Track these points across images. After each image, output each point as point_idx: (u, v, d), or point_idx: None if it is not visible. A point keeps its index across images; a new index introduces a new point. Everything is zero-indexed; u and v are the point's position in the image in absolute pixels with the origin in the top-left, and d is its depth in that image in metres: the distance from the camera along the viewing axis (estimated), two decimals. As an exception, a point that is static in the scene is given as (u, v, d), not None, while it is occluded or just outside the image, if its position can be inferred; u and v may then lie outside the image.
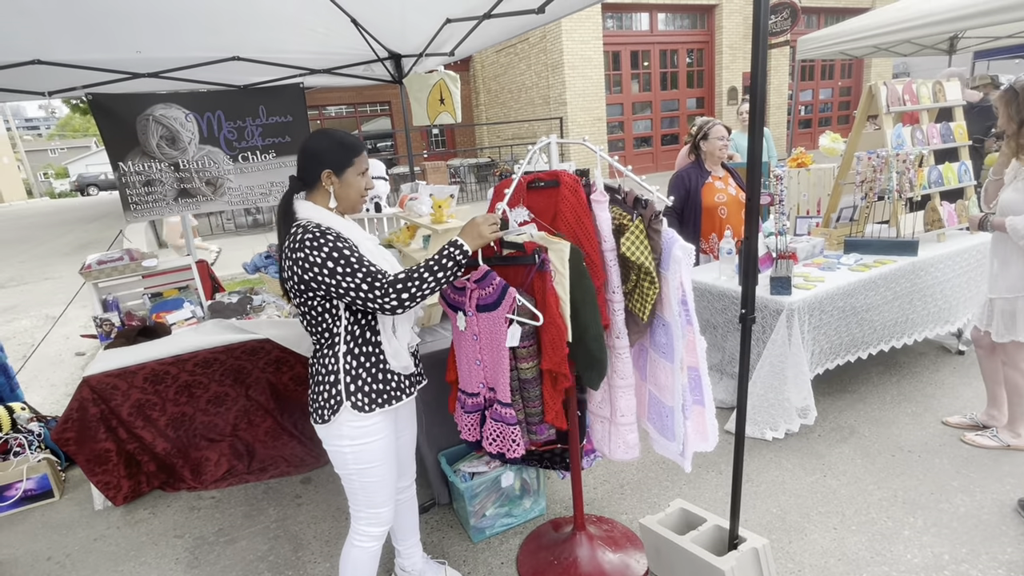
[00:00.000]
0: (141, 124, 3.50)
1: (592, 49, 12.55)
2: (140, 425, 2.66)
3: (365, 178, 1.73)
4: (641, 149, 14.31)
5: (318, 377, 1.67)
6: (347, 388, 1.62)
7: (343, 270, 1.52)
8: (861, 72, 15.97)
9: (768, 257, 2.96)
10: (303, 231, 1.57)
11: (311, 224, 1.59)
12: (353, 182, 1.68)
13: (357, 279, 1.52)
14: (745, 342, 1.71)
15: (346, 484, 1.74)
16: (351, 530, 1.79)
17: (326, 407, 1.63)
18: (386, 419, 1.69)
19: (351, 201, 1.70)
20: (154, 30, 2.97)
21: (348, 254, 1.54)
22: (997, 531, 2.16)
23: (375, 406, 1.64)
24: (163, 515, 2.71)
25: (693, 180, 3.45)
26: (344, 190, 1.68)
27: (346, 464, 1.68)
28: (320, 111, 15.89)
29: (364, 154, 1.71)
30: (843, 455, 2.70)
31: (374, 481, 1.71)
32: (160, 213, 3.64)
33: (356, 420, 1.63)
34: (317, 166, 1.65)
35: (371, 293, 1.52)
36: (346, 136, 1.70)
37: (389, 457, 1.72)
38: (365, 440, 1.65)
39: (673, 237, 1.69)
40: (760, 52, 1.43)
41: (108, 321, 2.89)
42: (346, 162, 1.66)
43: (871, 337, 3.04)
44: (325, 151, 1.66)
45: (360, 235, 1.69)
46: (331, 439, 1.67)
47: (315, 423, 1.69)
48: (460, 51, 3.49)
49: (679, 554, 1.92)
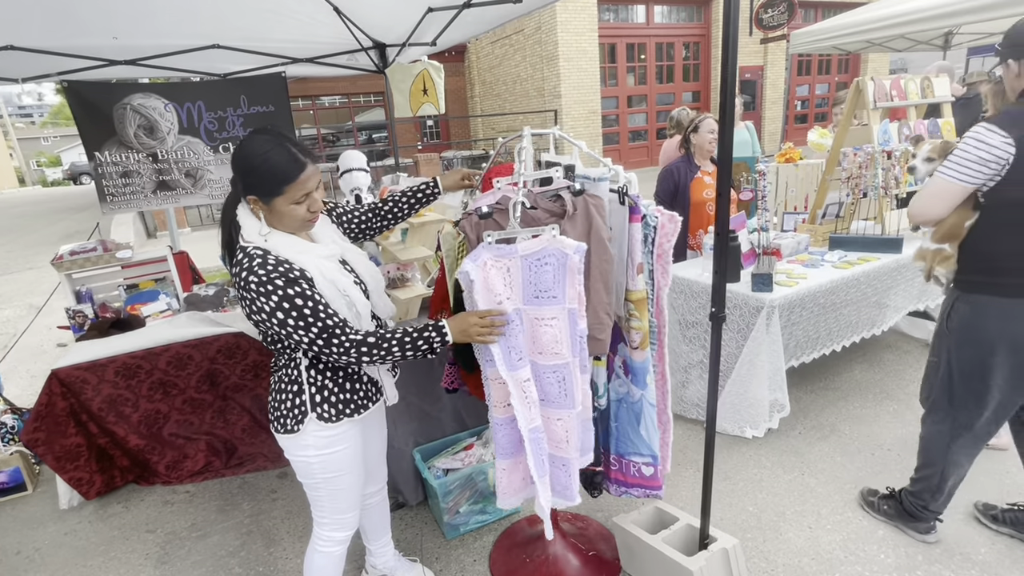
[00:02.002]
0: (118, 113, 3.45)
1: (587, 41, 12.46)
2: (112, 420, 2.62)
3: (309, 201, 1.45)
4: (636, 143, 14.25)
5: (280, 386, 1.56)
6: (312, 399, 1.52)
7: (295, 323, 1.35)
8: (858, 67, 15.91)
9: (752, 253, 2.93)
10: (248, 261, 1.37)
11: (256, 253, 1.39)
12: (287, 211, 1.43)
13: (311, 334, 1.36)
14: (715, 341, 1.69)
15: (311, 492, 1.65)
16: (314, 535, 1.72)
17: (289, 417, 1.53)
18: (353, 426, 1.60)
19: (289, 227, 1.47)
20: (131, 16, 2.91)
21: (301, 303, 1.36)
22: (971, 532, 2.15)
23: (342, 416, 1.55)
24: (136, 509, 2.68)
25: (682, 174, 3.42)
26: (276, 218, 1.44)
27: (312, 474, 1.59)
28: (314, 101, 15.75)
29: (303, 177, 1.40)
30: (822, 453, 2.69)
31: (341, 489, 1.63)
32: (138, 206, 3.59)
33: (322, 430, 1.53)
34: (244, 187, 1.42)
35: (327, 348, 1.38)
36: (279, 155, 1.37)
37: (357, 464, 1.65)
38: (332, 449, 1.56)
39: (479, 249, 1.52)
40: (730, 48, 1.39)
41: (81, 313, 2.84)
42: (274, 191, 1.39)
43: (845, 331, 3.01)
44: (248, 173, 1.40)
45: (317, 257, 1.47)
46: (295, 449, 1.57)
47: (276, 432, 1.57)
48: (442, 41, 3.44)
49: (650, 553, 1.90)
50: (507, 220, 1.58)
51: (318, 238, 1.58)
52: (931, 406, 2.06)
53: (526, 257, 1.51)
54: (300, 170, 1.40)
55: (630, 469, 1.93)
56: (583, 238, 1.58)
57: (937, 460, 2.04)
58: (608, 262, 1.59)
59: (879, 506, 2.25)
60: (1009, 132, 1.69)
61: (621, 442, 1.91)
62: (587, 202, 1.58)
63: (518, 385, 1.55)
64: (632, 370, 1.81)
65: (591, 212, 1.58)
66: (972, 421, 1.94)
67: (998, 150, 1.69)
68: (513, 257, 1.52)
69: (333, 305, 1.45)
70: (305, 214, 1.46)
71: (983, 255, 1.82)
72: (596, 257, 1.59)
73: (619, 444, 1.92)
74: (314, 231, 1.58)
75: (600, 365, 1.85)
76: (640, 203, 1.65)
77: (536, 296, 1.53)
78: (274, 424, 1.58)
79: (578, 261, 1.46)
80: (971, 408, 1.93)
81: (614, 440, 1.93)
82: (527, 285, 1.53)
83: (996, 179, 1.72)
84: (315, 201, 1.47)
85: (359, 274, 1.62)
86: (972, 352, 1.88)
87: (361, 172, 3.49)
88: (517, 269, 1.52)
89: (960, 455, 2.00)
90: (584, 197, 1.59)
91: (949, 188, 1.79)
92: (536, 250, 1.50)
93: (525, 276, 1.53)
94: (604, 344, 1.66)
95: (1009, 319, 1.79)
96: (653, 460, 1.87)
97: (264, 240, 1.42)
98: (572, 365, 1.55)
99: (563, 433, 1.64)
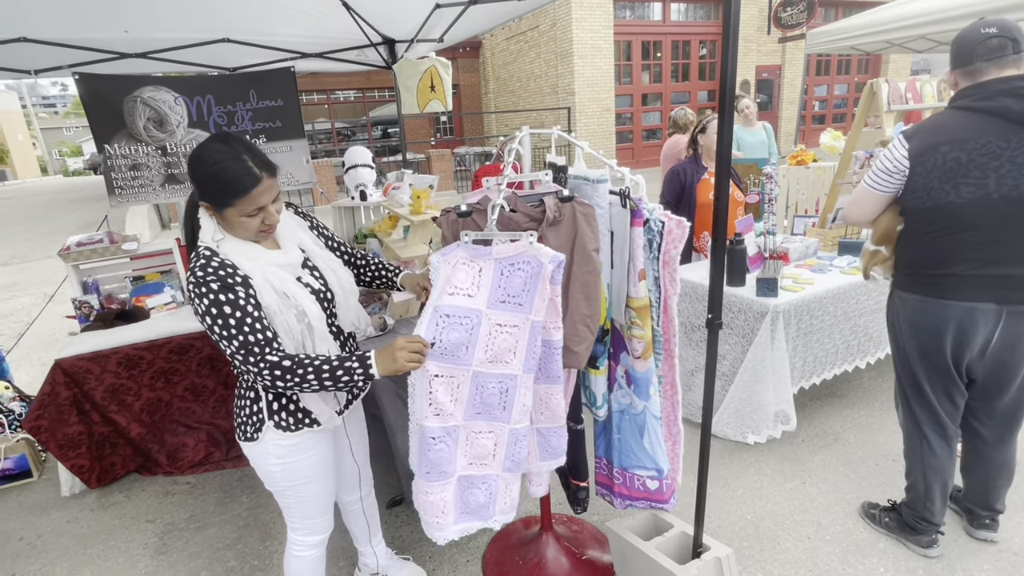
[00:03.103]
0: (128, 105, 3.47)
1: (603, 38, 12.38)
2: (114, 409, 2.65)
3: (263, 214, 1.38)
4: (650, 141, 14.15)
5: (240, 391, 1.51)
6: (269, 406, 1.46)
7: (220, 331, 1.30)
8: (879, 68, 15.64)
9: (759, 256, 2.88)
10: (194, 261, 1.34)
11: (204, 253, 1.35)
12: (238, 223, 1.37)
13: (233, 346, 1.31)
14: (712, 348, 1.65)
15: (279, 498, 1.61)
16: (288, 540, 1.67)
17: (248, 424, 1.48)
18: (318, 434, 1.54)
19: (243, 237, 1.41)
20: (142, 9, 2.93)
21: (229, 312, 1.30)
22: (975, 546, 2.10)
23: (302, 426, 1.49)
24: (137, 499, 2.71)
25: (689, 176, 3.37)
26: (229, 226, 1.39)
27: (276, 482, 1.54)
28: (329, 95, 15.83)
29: (255, 192, 1.33)
30: (825, 462, 2.64)
31: (309, 496, 1.59)
32: (146, 199, 3.61)
33: (281, 439, 1.48)
34: (197, 192, 1.39)
35: (244, 365, 1.32)
36: (232, 168, 1.30)
37: (324, 471, 1.59)
38: (294, 458, 1.51)
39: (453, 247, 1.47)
40: (730, 48, 1.36)
41: (87, 303, 2.87)
42: (225, 203, 1.34)
43: (867, 345, 2.96)
44: (200, 181, 1.35)
45: (268, 264, 1.41)
46: (257, 457, 1.52)
47: (239, 439, 1.54)
48: (449, 37, 3.42)
49: (642, 559, 1.88)
50: (486, 221, 1.54)
51: (282, 241, 1.51)
52: (897, 405, 2.14)
53: (500, 260, 1.45)
54: (253, 184, 1.33)
55: (634, 483, 1.90)
56: (566, 246, 1.53)
57: (916, 465, 2.06)
58: (591, 273, 1.55)
59: (880, 519, 2.21)
60: (910, 142, 1.76)
61: (624, 455, 1.88)
62: (575, 210, 1.53)
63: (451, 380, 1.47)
64: (635, 380, 1.77)
65: (578, 221, 1.53)
66: (924, 416, 2.00)
67: (898, 162, 1.79)
68: (487, 259, 1.45)
69: (280, 317, 1.38)
70: (258, 226, 1.39)
71: (901, 256, 1.95)
72: (578, 268, 1.55)
73: (622, 457, 1.89)
74: (279, 233, 1.50)
75: (599, 375, 1.82)
76: (643, 206, 1.60)
77: (502, 300, 1.45)
78: (237, 431, 1.54)
79: (551, 271, 1.40)
80: (918, 402, 2.00)
81: (617, 452, 1.90)
82: (495, 288, 1.45)
83: (902, 188, 1.82)
84: (270, 214, 1.40)
85: (328, 283, 1.54)
86: (899, 346, 2.00)
87: (366, 168, 3.51)
88: (489, 271, 1.46)
89: (933, 458, 2.00)
90: (573, 204, 1.54)
91: (865, 195, 1.92)
92: (511, 255, 1.44)
93: (495, 279, 1.45)
94: (580, 358, 1.61)
95: (918, 313, 1.89)
96: (658, 474, 1.83)
97: (216, 245, 1.38)
98: (519, 379, 1.48)
99: (491, 447, 1.55)
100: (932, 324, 1.85)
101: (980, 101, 1.67)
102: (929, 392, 1.95)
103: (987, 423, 1.96)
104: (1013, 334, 1.77)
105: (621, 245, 1.68)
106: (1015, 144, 1.62)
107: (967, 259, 1.74)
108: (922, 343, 1.90)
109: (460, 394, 1.48)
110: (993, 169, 1.65)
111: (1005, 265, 1.71)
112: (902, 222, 1.90)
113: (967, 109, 1.70)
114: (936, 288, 1.82)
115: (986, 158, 1.65)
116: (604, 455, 1.98)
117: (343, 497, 1.90)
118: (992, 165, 1.64)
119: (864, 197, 1.93)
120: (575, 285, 1.55)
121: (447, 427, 1.50)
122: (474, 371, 1.48)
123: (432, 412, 1.46)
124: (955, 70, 1.76)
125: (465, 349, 1.44)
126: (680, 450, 1.92)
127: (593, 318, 1.60)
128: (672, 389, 1.85)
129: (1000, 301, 1.74)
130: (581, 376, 1.90)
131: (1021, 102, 1.61)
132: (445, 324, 1.42)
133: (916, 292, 1.89)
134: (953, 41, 1.77)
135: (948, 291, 1.80)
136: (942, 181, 1.71)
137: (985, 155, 1.65)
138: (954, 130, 1.70)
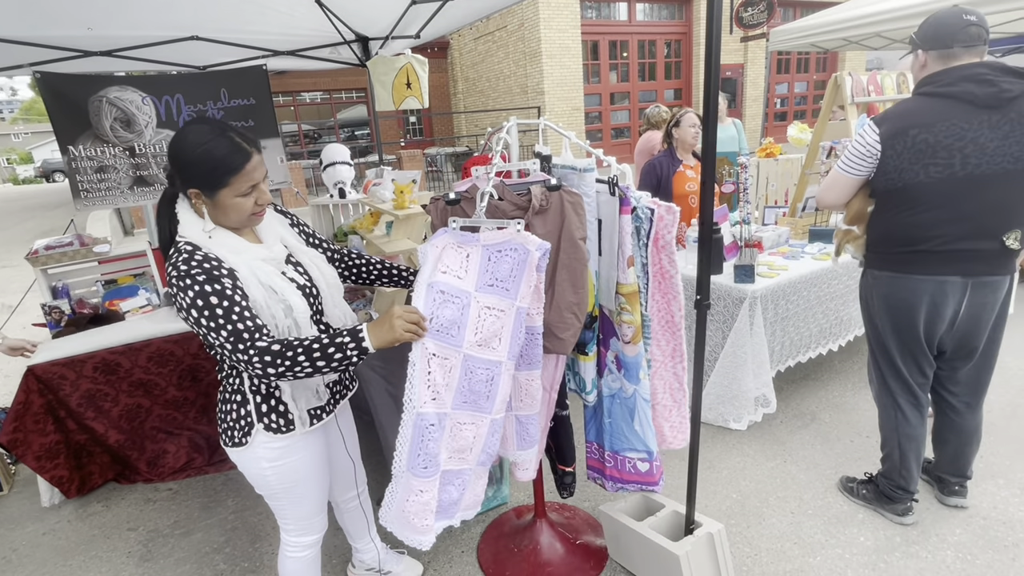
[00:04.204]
0: (94, 105, 3.37)
1: (570, 38, 12.48)
2: (91, 416, 2.57)
3: (256, 193, 1.37)
4: (619, 139, 14.33)
5: (225, 395, 1.47)
6: (258, 408, 1.43)
7: (207, 322, 1.26)
8: (836, 65, 16.16)
9: (735, 245, 2.97)
10: (175, 256, 1.30)
11: (185, 248, 1.31)
12: (231, 204, 1.34)
13: (222, 336, 1.27)
14: (700, 328, 1.71)
15: (271, 502, 1.57)
16: (282, 541, 1.65)
17: (236, 428, 1.44)
18: (309, 434, 1.51)
19: (235, 222, 1.39)
20: (106, 6, 2.83)
21: (216, 302, 1.26)
22: (947, 512, 2.21)
23: (292, 427, 1.46)
24: (117, 508, 2.64)
25: (665, 169, 3.45)
26: (221, 213, 1.36)
27: (269, 486, 1.51)
28: (294, 97, 15.57)
29: (248, 168, 1.32)
30: (803, 441, 2.74)
31: (303, 496, 1.56)
32: (113, 202, 3.51)
33: (272, 441, 1.44)
34: (183, 180, 1.34)
35: (234, 355, 1.27)
36: (221, 145, 1.30)
37: (318, 470, 1.57)
38: (287, 459, 1.48)
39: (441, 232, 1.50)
40: (714, 47, 1.41)
41: (57, 309, 2.78)
42: (218, 183, 1.31)
43: (838, 328, 3.08)
44: (189, 165, 1.31)
45: (254, 258, 1.38)
46: (247, 463, 1.48)
47: (225, 446, 1.48)
48: (426, 33, 3.42)
49: (637, 540, 1.93)
50: (474, 209, 1.56)
51: (263, 236, 1.47)
52: (871, 380, 2.24)
53: (487, 247, 1.47)
54: (245, 160, 1.31)
55: (625, 465, 1.94)
56: (553, 234, 1.56)
57: (891, 435, 2.15)
58: (578, 261, 1.57)
59: (858, 491, 2.30)
60: (880, 127, 1.86)
61: (616, 438, 1.92)
62: (563, 198, 1.56)
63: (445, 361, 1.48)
64: (624, 365, 1.81)
65: (565, 209, 1.55)
66: (897, 387, 2.10)
67: (870, 146, 1.88)
68: (474, 245, 1.48)
69: (267, 311, 1.36)
70: (252, 207, 1.37)
71: (872, 235, 2.04)
72: (565, 256, 1.57)
73: (613, 441, 1.93)
74: (261, 229, 1.47)
75: (589, 361, 1.85)
76: (631, 194, 1.64)
77: (490, 284, 1.47)
78: (222, 437, 1.49)
79: (538, 258, 1.43)
80: (891, 375, 2.10)
81: (608, 437, 1.94)
82: (483, 273, 1.48)
83: (874, 171, 1.91)
84: (263, 193, 1.38)
85: (313, 279, 1.51)
86: (872, 322, 2.10)
87: (345, 166, 3.48)
88: (476, 256, 1.48)
89: (907, 426, 2.10)
90: (560, 193, 1.56)
91: (839, 178, 2.02)
92: (498, 241, 1.46)
93: (483, 264, 1.48)
94: (566, 344, 1.63)
95: (891, 289, 1.99)
96: (648, 456, 1.87)
97: (208, 237, 1.34)
98: (503, 367, 1.49)
99: (470, 439, 1.55)
100: (905, 299, 1.95)
101: (944, 87, 1.77)
102: (901, 365, 2.06)
103: (955, 391, 2.08)
104: (978, 304, 1.89)
105: (610, 232, 1.71)
106: (977, 126, 1.73)
107: (936, 236, 1.84)
108: (895, 318, 2.00)
109: (451, 379, 1.49)
110: (958, 150, 1.75)
111: (971, 240, 1.82)
112: (872, 203, 2.00)
113: (932, 95, 1.80)
114: (907, 264, 1.92)
115: (951, 140, 1.75)
116: (595, 440, 2.02)
117: (340, 496, 1.89)
118: (957, 146, 1.75)
119: (838, 181, 2.02)
120: (561, 273, 1.57)
121: (439, 413, 1.50)
122: (464, 354, 1.48)
123: (429, 396, 1.46)
124: (929, 51, 1.84)
125: (457, 328, 1.45)
126: (686, 412, 1.94)
127: (580, 306, 1.62)
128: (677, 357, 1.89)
129: (966, 274, 1.85)
130: (569, 363, 1.93)
131: (982, 87, 1.71)
132: (440, 300, 1.43)
133: (888, 269, 1.98)
134: (928, 24, 1.85)
135: (919, 267, 1.90)
136: (912, 163, 1.80)
137: (951, 137, 1.75)
138: (921, 114, 1.79)
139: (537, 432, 1.74)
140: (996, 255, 1.83)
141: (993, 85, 1.71)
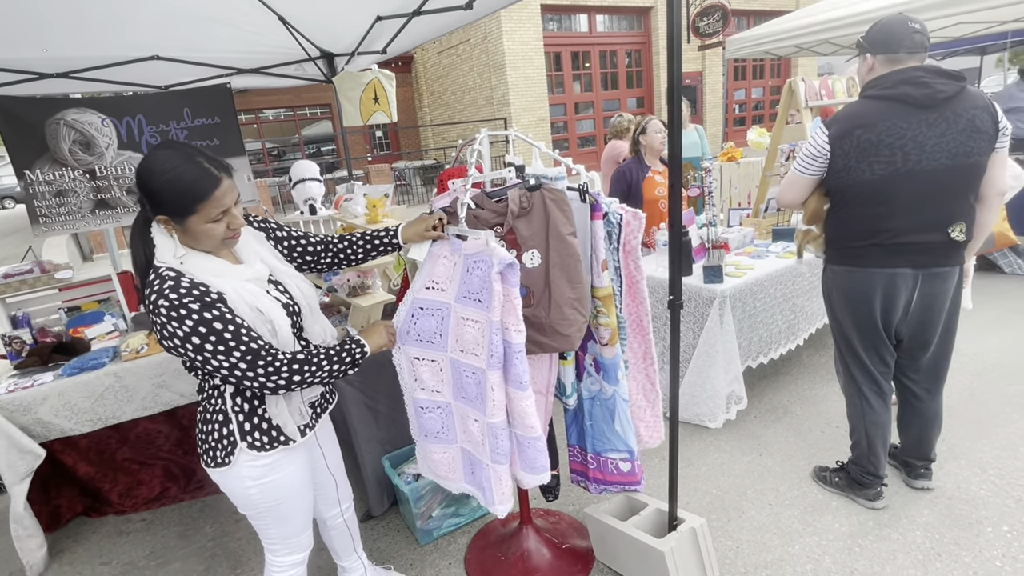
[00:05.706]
0: (51, 128, 3.28)
1: (533, 50, 12.67)
2: (58, 448, 2.48)
3: (228, 218, 1.34)
4: (585, 148, 14.54)
5: (205, 416, 1.45)
6: (240, 427, 1.42)
7: (213, 347, 1.25)
8: (789, 71, 16.77)
9: (703, 247, 3.05)
10: (160, 284, 1.26)
11: (168, 275, 1.27)
12: (202, 231, 1.31)
13: (233, 358, 1.26)
14: (674, 328, 1.76)
15: (256, 522, 1.55)
16: (267, 563, 1.62)
17: (218, 448, 1.42)
18: (292, 451, 1.50)
19: (208, 247, 1.36)
20: (61, 26, 2.77)
21: (220, 327, 1.25)
22: (914, 495, 2.31)
23: (276, 444, 1.45)
24: (87, 542, 2.54)
25: (634, 174, 3.53)
26: (192, 239, 1.33)
27: (254, 505, 1.49)
28: (257, 115, 15.36)
29: (218, 194, 1.28)
30: (777, 434, 2.82)
31: (289, 514, 1.54)
32: (73, 227, 3.41)
33: (256, 460, 1.43)
34: (152, 206, 1.30)
35: (251, 371, 1.28)
36: (189, 171, 1.26)
37: (304, 485, 1.56)
38: (272, 476, 1.46)
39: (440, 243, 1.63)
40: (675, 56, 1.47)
41: (18, 339, 2.67)
42: (187, 211, 1.28)
43: (804, 324, 3.19)
44: (156, 192, 1.27)
45: (237, 279, 1.36)
46: (230, 481, 1.46)
47: (207, 467, 1.46)
48: (392, 49, 3.44)
49: (622, 539, 1.96)
50: (457, 221, 1.61)
51: (243, 256, 1.46)
52: (837, 372, 2.33)
53: (467, 256, 1.54)
54: (215, 185, 1.28)
55: (608, 466, 1.97)
56: (540, 234, 1.60)
57: (858, 423, 2.25)
58: (571, 256, 1.61)
59: (831, 479, 2.38)
60: (829, 129, 1.97)
61: (597, 440, 1.95)
62: (544, 196, 1.60)
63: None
64: (603, 367, 1.85)
65: (548, 207, 1.60)
66: (861, 377, 2.19)
67: (821, 147, 1.99)
68: (460, 254, 1.55)
69: (256, 331, 1.35)
70: (224, 232, 1.34)
71: (829, 232, 2.14)
72: (556, 253, 1.61)
73: (595, 442, 1.96)
74: (239, 248, 1.45)
75: (568, 365, 1.88)
76: (601, 200, 1.69)
77: (466, 296, 1.56)
78: (203, 458, 1.47)
79: (497, 272, 1.45)
80: (855, 365, 2.20)
81: (590, 438, 1.97)
82: (462, 284, 1.56)
83: (826, 170, 2.02)
84: (234, 218, 1.35)
85: (293, 296, 1.51)
86: (835, 316, 2.20)
87: (314, 182, 3.46)
88: (460, 266, 1.56)
89: (873, 413, 2.19)
90: (541, 192, 1.61)
91: (796, 179, 2.12)
92: (474, 252, 1.53)
93: (463, 275, 1.56)
94: (572, 340, 1.65)
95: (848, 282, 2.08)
96: (630, 455, 1.91)
97: (180, 263, 1.31)
98: (486, 374, 1.54)
99: (479, 434, 1.65)
100: (861, 292, 2.05)
101: (885, 90, 1.89)
102: (863, 355, 2.15)
103: (916, 379, 2.18)
104: (930, 294, 1.99)
105: (582, 238, 1.76)
106: (916, 125, 1.85)
107: (884, 230, 1.95)
108: (854, 310, 2.09)
109: (445, 375, 1.65)
110: (899, 148, 1.86)
111: (917, 233, 1.93)
112: (827, 202, 2.11)
113: (875, 97, 1.92)
114: (861, 258, 2.02)
115: (893, 138, 1.86)
116: (577, 443, 2.05)
117: (325, 513, 1.86)
118: (898, 144, 1.86)
119: (795, 181, 2.12)
120: (555, 271, 1.61)
121: (437, 402, 1.70)
122: (450, 357, 1.62)
123: (419, 387, 1.67)
124: (878, 56, 1.95)
125: (439, 336, 1.62)
126: (659, 411, 1.99)
127: (580, 300, 1.65)
128: (647, 360, 1.94)
129: (915, 266, 1.96)
130: (550, 369, 1.96)
131: (918, 89, 1.83)
132: (419, 316, 1.62)
133: (844, 264, 2.08)
134: (876, 30, 1.96)
135: (871, 260, 2.00)
136: (858, 160, 1.91)
137: (891, 135, 1.86)
138: (865, 116, 1.90)
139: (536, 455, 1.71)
140: (943, 247, 1.94)
141: (928, 87, 1.83)
